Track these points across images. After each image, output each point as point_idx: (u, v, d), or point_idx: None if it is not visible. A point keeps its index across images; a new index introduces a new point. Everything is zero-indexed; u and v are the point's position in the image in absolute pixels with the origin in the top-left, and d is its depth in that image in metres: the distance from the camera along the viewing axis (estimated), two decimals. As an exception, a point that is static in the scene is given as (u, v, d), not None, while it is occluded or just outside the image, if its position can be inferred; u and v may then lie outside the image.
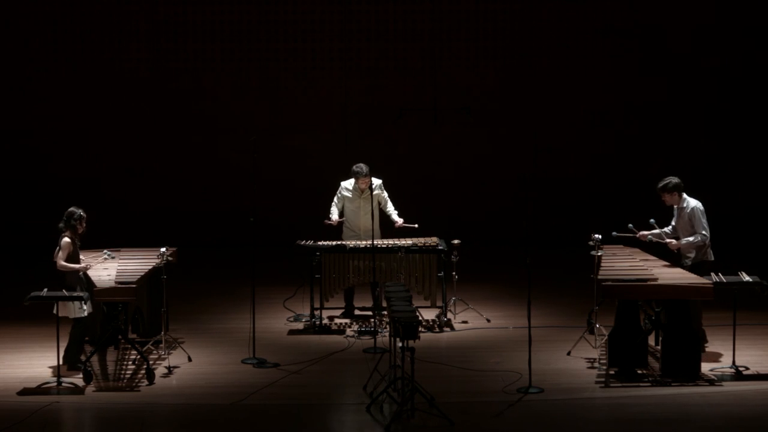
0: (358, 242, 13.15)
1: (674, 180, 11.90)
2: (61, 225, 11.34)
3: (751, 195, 18.74)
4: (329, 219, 13.47)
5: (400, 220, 13.50)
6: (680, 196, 11.90)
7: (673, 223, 12.11)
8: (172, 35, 18.55)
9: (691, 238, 11.78)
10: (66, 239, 11.25)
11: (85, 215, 11.41)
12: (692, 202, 11.88)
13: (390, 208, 13.58)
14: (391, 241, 13.21)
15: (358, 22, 18.62)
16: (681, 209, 11.93)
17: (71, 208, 11.41)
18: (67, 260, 11.25)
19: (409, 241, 13.20)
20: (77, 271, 11.28)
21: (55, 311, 11.11)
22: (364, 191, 13.37)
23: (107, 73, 18.54)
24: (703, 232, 11.75)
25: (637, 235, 12.18)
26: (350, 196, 13.44)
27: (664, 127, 18.69)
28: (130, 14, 18.48)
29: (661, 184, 11.93)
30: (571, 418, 10.07)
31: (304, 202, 17.96)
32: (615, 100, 18.69)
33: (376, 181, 13.46)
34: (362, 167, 13.29)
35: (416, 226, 13.46)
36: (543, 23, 18.62)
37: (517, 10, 18.60)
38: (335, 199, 13.54)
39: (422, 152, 18.66)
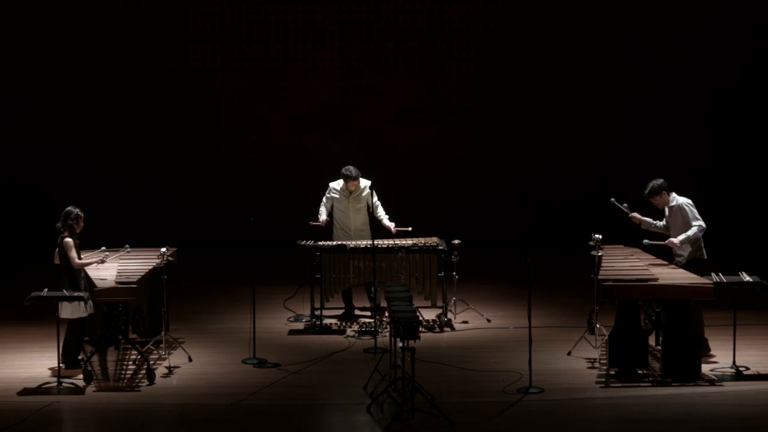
0: (359, 242, 13.16)
1: (658, 181, 11.87)
2: (58, 225, 11.32)
3: (751, 195, 18.73)
4: (317, 220, 13.42)
5: (391, 225, 13.43)
6: (668, 194, 11.88)
7: (664, 221, 12.10)
8: (172, 35, 18.55)
9: (689, 233, 11.71)
10: (67, 239, 11.23)
11: (82, 214, 11.38)
12: (681, 199, 11.87)
13: (380, 213, 13.45)
14: (391, 241, 13.21)
15: (358, 22, 18.62)
16: (671, 208, 11.92)
17: (68, 208, 11.39)
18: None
19: (409, 241, 13.20)
20: (96, 262, 11.36)
21: (61, 314, 11.10)
22: (352, 193, 13.35)
23: (107, 73, 18.54)
24: (699, 223, 11.70)
25: (630, 215, 12.15)
26: (338, 197, 13.43)
27: (664, 127, 18.68)
28: (130, 14, 18.48)
29: (647, 190, 11.87)
30: (571, 418, 10.07)
31: (304, 202, 17.94)
32: (615, 99, 18.68)
33: (365, 182, 13.42)
34: (351, 170, 13.24)
35: (410, 228, 13.40)
36: (543, 23, 18.62)
37: (516, 10, 18.60)
38: (324, 200, 13.51)
39: (422, 152, 18.66)
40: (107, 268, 11.82)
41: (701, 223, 11.71)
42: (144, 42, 18.53)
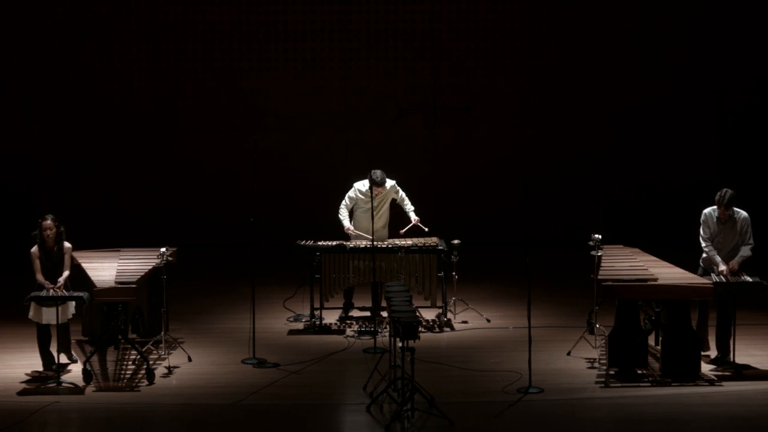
0: (358, 242, 13.15)
1: (731, 191, 11.47)
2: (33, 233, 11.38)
3: (752, 194, 18.72)
4: (349, 228, 13.32)
5: (416, 218, 13.38)
6: None
7: (705, 232, 11.67)
8: (171, 36, 18.54)
9: (745, 255, 11.50)
10: (32, 249, 11.27)
11: (45, 221, 11.26)
12: (742, 212, 11.67)
13: (408, 206, 13.45)
14: (391, 242, 13.21)
15: (358, 22, 18.61)
16: (730, 218, 11.57)
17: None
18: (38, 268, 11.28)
19: (409, 242, 13.20)
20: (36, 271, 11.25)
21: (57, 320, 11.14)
22: (378, 196, 13.28)
23: (105, 74, 18.52)
24: (752, 243, 11.60)
25: (729, 271, 11.62)
26: (363, 198, 13.36)
27: (664, 127, 18.67)
28: (128, 15, 18.47)
29: (725, 200, 11.41)
30: (571, 418, 10.07)
31: (305, 202, 17.96)
32: (616, 100, 18.67)
33: (389, 182, 13.36)
34: (378, 175, 13.08)
35: (426, 229, 13.35)
36: (543, 23, 18.61)
37: (517, 10, 18.59)
38: (347, 200, 13.39)
39: (422, 152, 18.65)
40: (107, 269, 11.82)
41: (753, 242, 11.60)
42: (143, 43, 18.51)
